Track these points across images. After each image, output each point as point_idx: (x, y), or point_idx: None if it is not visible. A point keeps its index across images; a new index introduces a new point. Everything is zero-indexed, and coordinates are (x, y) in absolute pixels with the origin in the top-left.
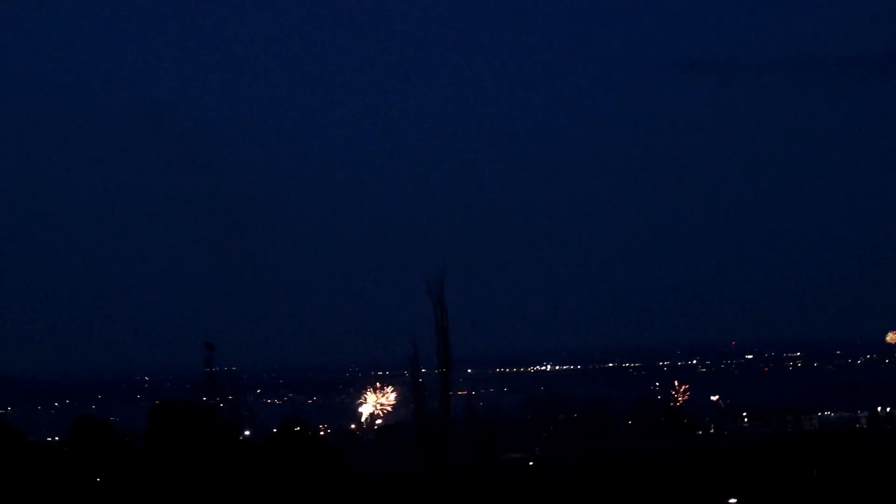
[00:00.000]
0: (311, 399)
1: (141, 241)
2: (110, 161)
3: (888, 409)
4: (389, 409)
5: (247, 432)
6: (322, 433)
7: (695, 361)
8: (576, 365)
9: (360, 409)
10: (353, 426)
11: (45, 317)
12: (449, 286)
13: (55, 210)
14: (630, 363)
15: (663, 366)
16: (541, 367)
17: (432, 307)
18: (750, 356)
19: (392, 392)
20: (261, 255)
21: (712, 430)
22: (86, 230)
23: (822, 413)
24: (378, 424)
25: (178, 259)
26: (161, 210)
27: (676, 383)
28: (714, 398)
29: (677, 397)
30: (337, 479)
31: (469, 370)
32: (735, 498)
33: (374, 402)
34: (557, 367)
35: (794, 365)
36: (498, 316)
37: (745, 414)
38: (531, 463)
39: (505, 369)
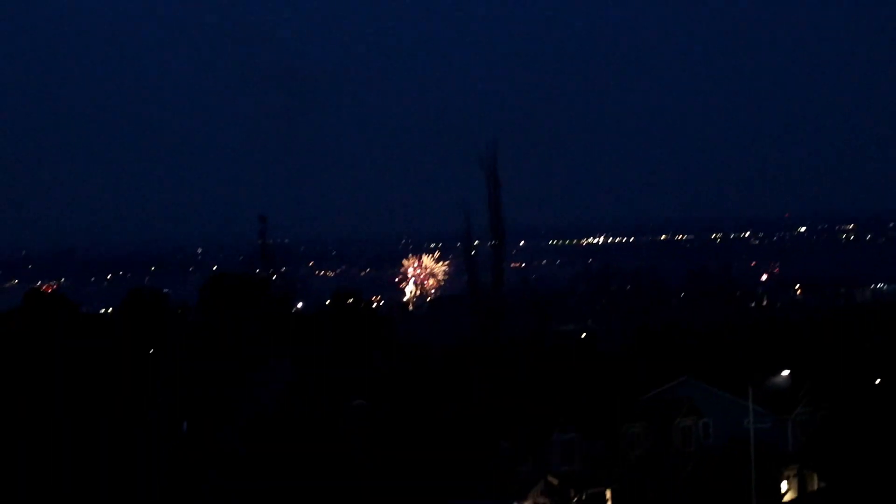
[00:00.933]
0: (365, 271)
1: (199, 114)
2: (170, 37)
3: None
4: (437, 280)
5: (299, 304)
6: (374, 305)
7: (747, 234)
8: (628, 237)
9: (406, 280)
10: (406, 297)
11: (102, 189)
12: (502, 158)
13: (115, 85)
14: (682, 235)
15: (715, 238)
16: (594, 239)
17: (485, 180)
18: (803, 228)
19: (440, 264)
20: (317, 129)
21: (765, 303)
22: (144, 104)
23: (876, 285)
24: (431, 296)
25: (235, 133)
26: (219, 84)
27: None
28: (766, 271)
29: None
30: (389, 349)
31: (522, 242)
32: (788, 369)
33: (420, 273)
34: (610, 240)
35: (847, 237)
36: (551, 188)
37: (797, 286)
38: (584, 334)
39: (558, 242)
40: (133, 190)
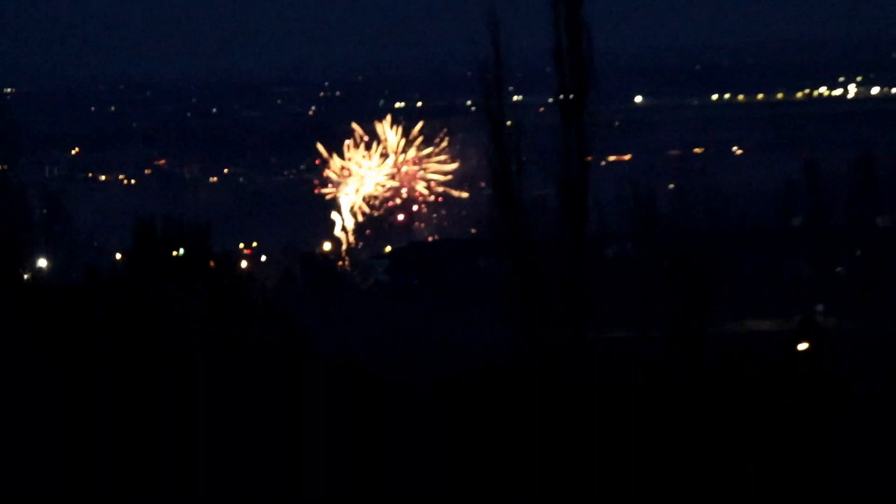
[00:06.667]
0: (213, 177)
1: None
2: None
3: None
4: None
5: (42, 262)
6: (244, 262)
7: None
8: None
9: (338, 199)
10: (326, 246)
11: None
12: None
13: None
14: None
15: None
16: (822, 90)
17: None
18: None
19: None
20: None
21: None
22: None
23: None
24: (391, 245)
25: None
26: None
27: None
28: None
29: None
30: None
31: (639, 98)
32: None
33: (367, 177)
34: (852, 92)
35: None
36: None
37: None
38: (805, 346)
39: (724, 96)
40: None
